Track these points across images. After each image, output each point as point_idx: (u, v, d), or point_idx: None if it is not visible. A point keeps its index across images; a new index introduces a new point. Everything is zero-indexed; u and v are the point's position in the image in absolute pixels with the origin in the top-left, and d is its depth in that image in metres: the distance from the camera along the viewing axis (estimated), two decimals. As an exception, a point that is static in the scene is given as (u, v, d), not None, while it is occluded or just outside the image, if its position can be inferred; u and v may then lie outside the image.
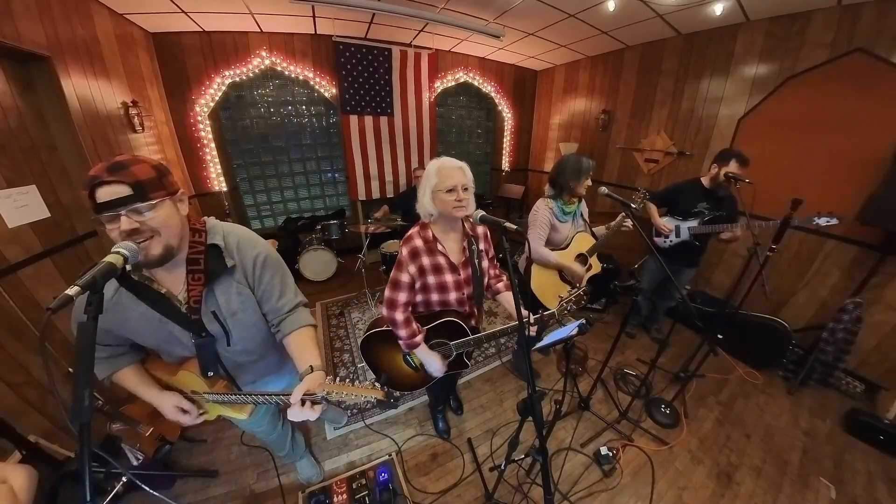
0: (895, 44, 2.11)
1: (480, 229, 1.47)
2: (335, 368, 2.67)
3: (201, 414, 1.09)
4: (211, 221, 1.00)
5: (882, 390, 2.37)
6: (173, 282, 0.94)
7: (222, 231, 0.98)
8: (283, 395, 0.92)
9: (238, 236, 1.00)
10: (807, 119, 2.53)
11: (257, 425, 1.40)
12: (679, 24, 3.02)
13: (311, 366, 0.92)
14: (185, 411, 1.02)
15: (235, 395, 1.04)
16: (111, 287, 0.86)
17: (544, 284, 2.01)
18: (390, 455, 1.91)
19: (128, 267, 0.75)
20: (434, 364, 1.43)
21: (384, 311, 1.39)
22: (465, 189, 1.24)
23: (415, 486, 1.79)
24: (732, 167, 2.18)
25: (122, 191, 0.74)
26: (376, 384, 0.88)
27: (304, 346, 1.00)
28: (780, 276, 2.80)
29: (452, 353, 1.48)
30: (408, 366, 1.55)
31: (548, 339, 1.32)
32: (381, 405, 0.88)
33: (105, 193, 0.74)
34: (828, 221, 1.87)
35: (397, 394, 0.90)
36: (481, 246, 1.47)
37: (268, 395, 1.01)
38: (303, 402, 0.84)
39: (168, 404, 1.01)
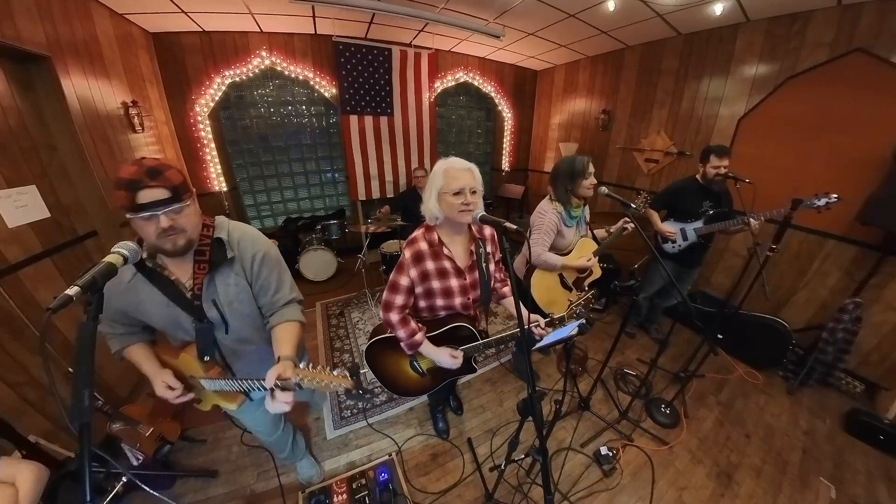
0: (895, 44, 2.11)
1: (487, 231, 1.42)
2: (335, 369, 2.67)
3: (191, 395, 1.16)
4: (220, 219, 1.10)
5: (882, 390, 2.37)
6: (182, 271, 1.03)
7: (228, 227, 1.08)
8: (260, 380, 0.98)
9: (241, 233, 1.09)
10: (807, 119, 2.53)
11: (256, 425, 1.42)
12: (679, 24, 3.02)
13: (279, 356, 1.00)
14: (171, 388, 1.09)
15: (224, 380, 1.11)
16: (129, 272, 0.96)
17: (546, 292, 2.00)
18: (390, 455, 1.91)
19: (144, 255, 0.88)
20: (445, 358, 1.37)
21: (381, 313, 1.38)
22: (473, 192, 1.19)
23: (415, 486, 1.79)
24: (713, 162, 2.22)
25: (163, 194, 0.84)
26: (346, 373, 0.92)
27: (283, 338, 1.07)
28: (780, 276, 2.80)
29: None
30: (415, 371, 1.52)
31: (548, 339, 1.32)
32: (349, 395, 0.94)
33: (147, 196, 0.82)
34: (828, 201, 1.83)
35: (365, 384, 0.92)
36: (488, 248, 1.41)
37: (249, 380, 1.06)
38: (273, 392, 0.90)
39: (158, 379, 1.08)
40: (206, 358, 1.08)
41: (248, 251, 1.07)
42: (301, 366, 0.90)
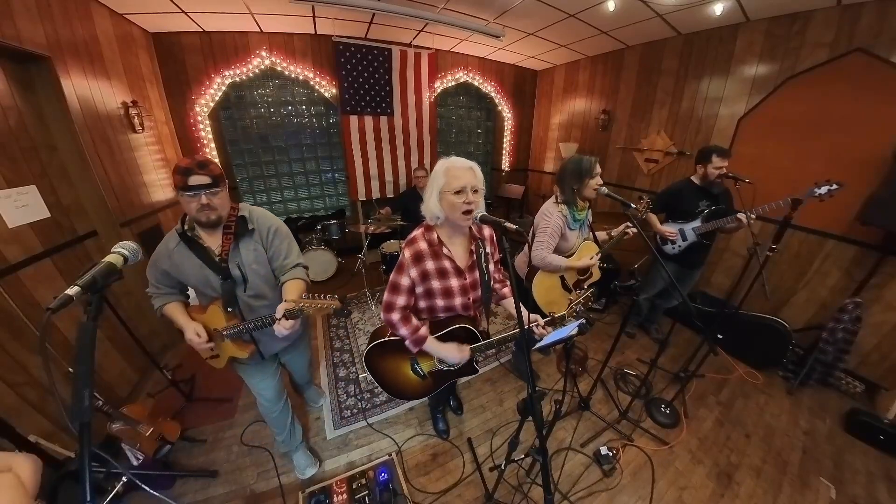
0: (895, 44, 2.11)
1: (487, 231, 1.42)
2: (335, 369, 2.67)
3: (212, 345, 1.37)
4: (243, 203, 1.40)
5: (882, 390, 2.37)
6: (213, 241, 1.32)
7: (249, 209, 1.40)
8: (272, 317, 1.24)
9: (260, 212, 1.42)
10: (807, 119, 2.53)
11: (265, 389, 1.60)
12: (679, 24, 3.02)
13: (285, 300, 1.27)
14: (199, 336, 1.32)
15: (241, 325, 1.37)
16: (174, 241, 1.28)
17: (546, 292, 2.00)
18: (390, 455, 1.91)
19: (186, 227, 1.27)
20: (452, 353, 1.35)
21: (382, 314, 1.37)
22: (475, 191, 1.18)
23: (415, 486, 1.79)
24: (716, 162, 2.21)
25: (206, 180, 1.15)
26: (335, 296, 1.19)
27: (289, 290, 1.34)
28: (780, 276, 2.80)
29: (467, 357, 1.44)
30: (415, 374, 1.52)
31: (548, 339, 1.31)
32: (338, 314, 1.13)
33: (195, 180, 1.14)
34: (829, 189, 1.81)
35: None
36: (487, 248, 1.40)
37: (262, 318, 1.36)
38: (280, 322, 1.18)
39: (190, 328, 1.32)
40: (230, 309, 1.35)
41: (265, 225, 1.39)
42: (301, 296, 1.20)
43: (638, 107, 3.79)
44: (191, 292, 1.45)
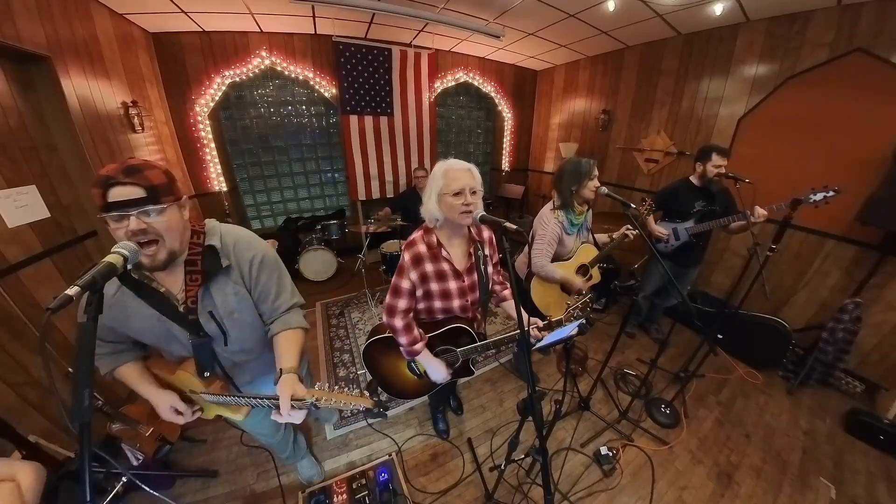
0: (895, 44, 2.11)
1: (486, 234, 1.43)
2: (335, 369, 2.67)
3: (197, 411, 1.10)
4: (210, 223, 1.01)
5: (882, 390, 2.37)
6: (172, 282, 0.95)
7: (220, 232, 1.00)
8: (273, 398, 0.93)
9: (235, 238, 1.01)
10: (807, 119, 2.53)
11: (260, 428, 1.39)
12: (679, 24, 3.02)
13: (280, 369, 0.95)
14: (179, 413, 1.04)
15: (230, 396, 1.05)
16: (113, 285, 0.88)
17: (545, 295, 2.01)
18: (390, 455, 1.91)
19: (129, 266, 0.76)
20: (438, 371, 1.39)
21: (384, 317, 1.36)
22: (473, 192, 1.19)
23: (415, 486, 1.79)
24: (715, 160, 2.21)
25: (136, 193, 0.77)
26: (365, 392, 0.90)
27: (287, 348, 1.02)
28: (780, 276, 2.80)
29: (459, 360, 1.45)
30: (412, 373, 1.52)
31: (548, 339, 1.31)
32: (369, 414, 0.91)
33: (119, 193, 0.75)
34: (825, 195, 1.81)
35: (386, 401, 0.89)
36: (486, 251, 1.41)
37: (260, 398, 0.99)
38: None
39: (164, 403, 1.02)
40: (206, 374, 1.02)
41: (245, 256, 1.00)
42: (317, 386, 0.89)
43: (638, 107, 3.79)
44: None
